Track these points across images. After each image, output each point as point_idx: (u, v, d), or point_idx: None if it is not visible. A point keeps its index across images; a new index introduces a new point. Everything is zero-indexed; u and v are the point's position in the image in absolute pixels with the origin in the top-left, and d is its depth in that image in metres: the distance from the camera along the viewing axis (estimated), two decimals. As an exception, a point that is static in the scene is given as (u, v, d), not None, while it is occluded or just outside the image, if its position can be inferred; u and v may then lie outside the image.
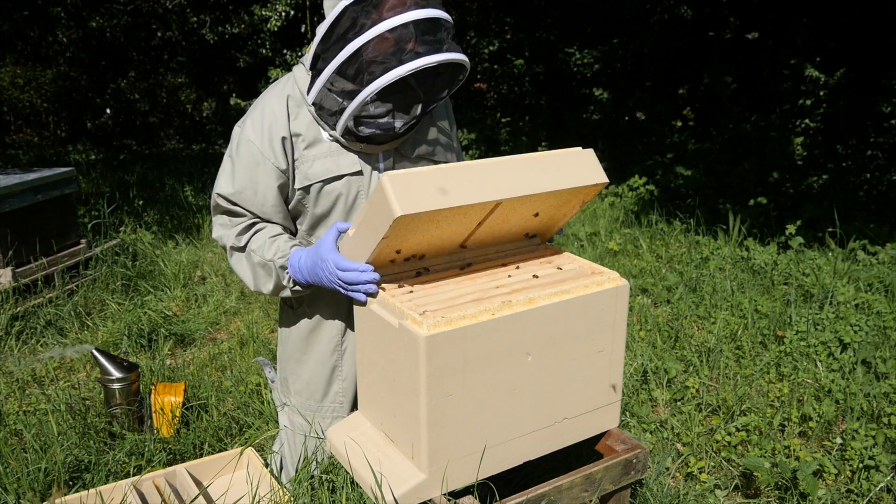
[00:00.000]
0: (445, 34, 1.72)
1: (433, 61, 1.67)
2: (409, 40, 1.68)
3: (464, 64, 1.75)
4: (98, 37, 11.82)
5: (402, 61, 1.67)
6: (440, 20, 1.71)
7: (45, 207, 4.45)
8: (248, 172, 1.91)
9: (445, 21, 1.72)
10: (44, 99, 12.44)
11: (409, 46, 1.68)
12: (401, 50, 1.68)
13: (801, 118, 7.54)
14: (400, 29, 1.67)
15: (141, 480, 2.16)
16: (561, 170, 1.79)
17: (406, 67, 1.66)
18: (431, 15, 1.68)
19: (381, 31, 1.67)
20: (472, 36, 11.91)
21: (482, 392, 1.63)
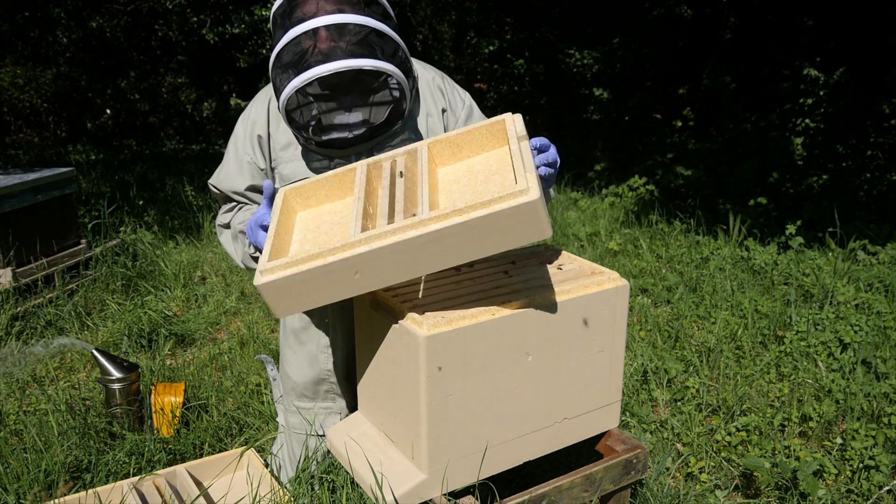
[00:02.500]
0: (355, 39, 1.67)
1: (322, 72, 1.64)
2: (309, 48, 1.67)
3: (374, 69, 1.68)
4: (98, 37, 11.82)
5: (299, 72, 1.66)
6: (346, 25, 1.67)
7: (45, 207, 4.45)
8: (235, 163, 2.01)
9: (354, 25, 1.67)
10: (44, 99, 12.45)
11: (309, 55, 1.67)
12: (299, 61, 1.67)
13: (801, 118, 7.54)
14: (302, 38, 1.67)
15: (141, 481, 2.16)
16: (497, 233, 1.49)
17: (295, 82, 1.66)
18: (329, 22, 1.65)
19: (286, 42, 1.68)
20: (472, 36, 11.91)
21: (482, 392, 1.63)
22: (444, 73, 2.06)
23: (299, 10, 1.69)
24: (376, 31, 1.70)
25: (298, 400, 2.17)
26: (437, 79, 2.00)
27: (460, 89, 2.05)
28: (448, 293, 1.71)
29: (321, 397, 2.16)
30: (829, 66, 7.35)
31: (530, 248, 2.02)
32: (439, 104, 1.97)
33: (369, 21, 1.69)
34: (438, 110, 1.97)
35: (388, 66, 1.69)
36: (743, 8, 8.53)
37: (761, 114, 8.01)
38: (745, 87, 8.26)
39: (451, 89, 2.01)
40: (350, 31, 1.67)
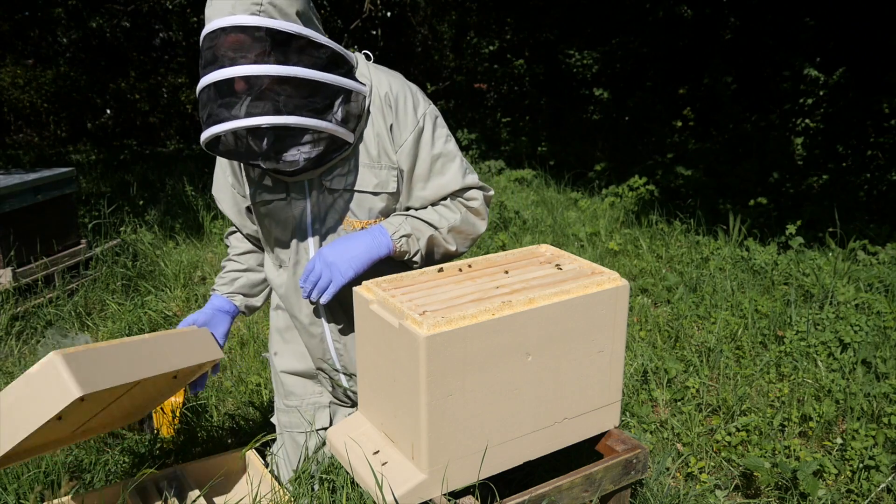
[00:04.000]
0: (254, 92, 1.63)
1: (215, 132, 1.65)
2: (214, 99, 1.65)
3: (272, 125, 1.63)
4: (98, 37, 11.83)
5: (210, 122, 1.66)
6: (247, 78, 1.62)
7: (45, 207, 4.45)
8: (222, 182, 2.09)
9: (256, 78, 1.62)
10: (44, 99, 12.45)
11: (212, 108, 1.66)
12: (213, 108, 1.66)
13: (801, 118, 7.54)
14: (204, 91, 1.66)
15: (141, 480, 2.16)
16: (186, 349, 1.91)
17: (205, 135, 1.68)
18: (228, 76, 1.61)
19: (199, 89, 1.68)
20: (472, 36, 11.92)
21: (482, 392, 1.63)
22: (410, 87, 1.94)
23: (214, 53, 1.65)
24: (295, 81, 1.64)
25: (287, 399, 2.21)
26: (392, 93, 1.88)
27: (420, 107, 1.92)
28: (448, 293, 1.71)
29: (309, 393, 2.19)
30: (829, 66, 7.35)
31: (530, 249, 2.02)
32: (388, 120, 1.88)
33: (278, 70, 1.62)
34: (387, 127, 1.88)
35: (291, 120, 1.64)
36: (743, 8, 8.53)
37: (761, 114, 8.02)
38: (746, 86, 8.27)
39: (403, 106, 1.89)
40: (258, 84, 1.63)
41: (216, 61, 1.63)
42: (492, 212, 6.17)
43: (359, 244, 1.86)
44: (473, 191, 2.01)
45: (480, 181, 2.04)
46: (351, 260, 1.85)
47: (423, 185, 1.95)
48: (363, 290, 1.77)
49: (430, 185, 1.95)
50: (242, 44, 1.62)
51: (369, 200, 1.92)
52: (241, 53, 1.62)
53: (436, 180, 1.95)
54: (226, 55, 1.62)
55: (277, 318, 2.20)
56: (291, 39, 1.65)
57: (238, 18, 1.62)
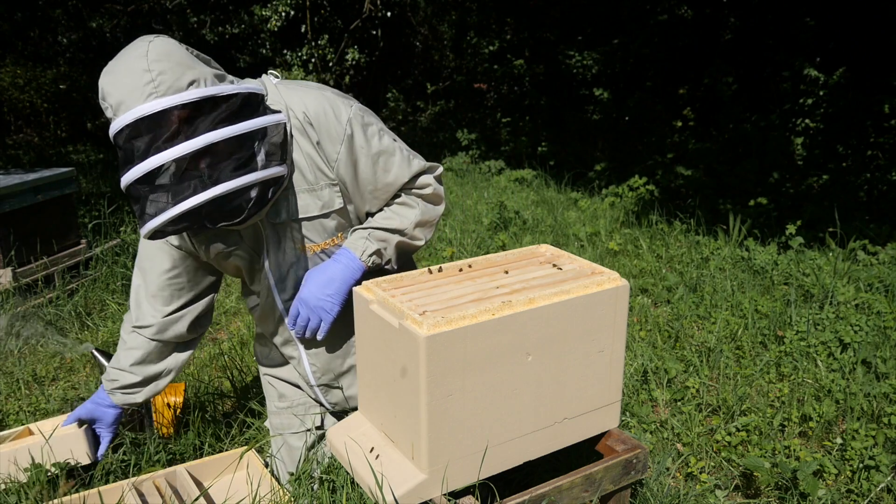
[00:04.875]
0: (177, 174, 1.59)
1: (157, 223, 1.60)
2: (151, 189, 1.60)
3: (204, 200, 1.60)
4: (98, 37, 11.82)
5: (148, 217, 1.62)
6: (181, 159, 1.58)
7: (45, 207, 4.45)
8: (163, 255, 2.02)
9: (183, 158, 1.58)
10: (44, 99, 12.44)
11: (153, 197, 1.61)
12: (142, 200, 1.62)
13: (801, 118, 7.54)
14: (131, 187, 1.61)
15: (141, 480, 2.16)
16: None
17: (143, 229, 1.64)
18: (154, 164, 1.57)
19: (124, 187, 1.63)
20: (472, 36, 11.92)
21: (482, 392, 1.63)
22: (326, 97, 1.88)
23: (129, 148, 1.60)
24: (214, 147, 1.61)
25: (279, 401, 2.22)
26: (310, 112, 1.84)
27: (343, 113, 1.86)
28: (448, 293, 1.71)
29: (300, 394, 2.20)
30: (829, 66, 7.35)
31: (530, 249, 2.03)
32: (313, 139, 1.85)
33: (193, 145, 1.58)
34: (314, 146, 1.85)
35: (220, 189, 1.61)
36: (743, 8, 8.53)
37: (761, 114, 8.01)
38: (746, 86, 8.26)
39: (325, 120, 1.85)
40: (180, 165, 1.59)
41: (133, 154, 1.59)
42: (492, 212, 6.18)
43: (333, 278, 1.89)
44: (424, 177, 1.99)
45: (427, 162, 2.01)
46: (332, 296, 1.89)
47: (374, 187, 1.93)
48: (363, 290, 1.77)
49: (380, 186, 1.94)
50: (151, 130, 1.58)
51: (320, 223, 1.91)
52: (152, 141, 1.57)
53: (383, 179, 1.93)
54: (139, 147, 1.58)
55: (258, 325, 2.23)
56: (196, 107, 1.61)
57: (139, 110, 1.57)
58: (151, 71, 1.59)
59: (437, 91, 12.54)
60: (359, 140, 1.88)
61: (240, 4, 10.11)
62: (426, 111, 12.57)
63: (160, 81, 1.59)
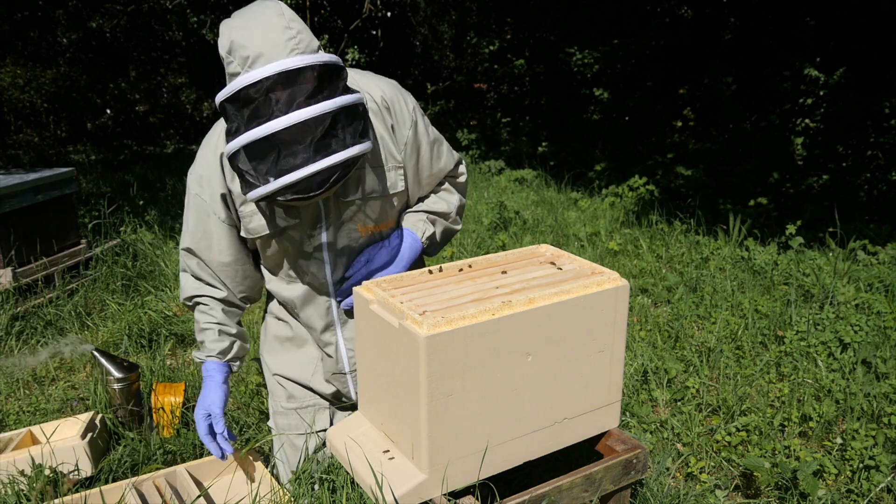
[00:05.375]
0: (318, 132, 1.59)
1: (297, 177, 1.58)
2: (277, 147, 1.59)
3: (341, 161, 1.61)
4: (98, 37, 11.83)
5: (278, 172, 1.59)
6: (319, 118, 1.58)
7: (45, 207, 4.45)
8: (200, 224, 1.97)
9: (319, 116, 1.58)
10: (44, 99, 12.44)
11: (277, 154, 1.59)
12: (271, 158, 1.60)
13: (801, 118, 7.54)
14: (267, 139, 1.59)
15: (141, 480, 2.16)
16: None
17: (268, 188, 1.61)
18: (306, 116, 1.56)
19: (241, 146, 1.60)
20: (472, 36, 11.92)
21: (482, 392, 1.63)
22: (394, 85, 1.96)
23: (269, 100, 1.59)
24: (343, 110, 1.63)
25: (286, 401, 2.20)
26: (387, 97, 1.90)
27: (409, 101, 1.95)
28: (448, 293, 1.71)
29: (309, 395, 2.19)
30: (829, 66, 7.35)
31: (530, 248, 2.03)
32: (388, 122, 1.90)
33: (334, 104, 1.60)
34: (388, 129, 1.90)
35: (353, 151, 1.63)
36: (743, 8, 8.53)
37: (761, 114, 8.02)
38: (746, 86, 8.26)
39: (398, 106, 1.92)
40: (322, 124, 1.60)
41: (270, 107, 1.58)
42: (492, 212, 6.18)
43: (402, 256, 1.98)
44: (459, 166, 2.13)
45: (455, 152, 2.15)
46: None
47: (429, 172, 2.02)
48: (363, 290, 1.77)
49: (434, 172, 2.04)
50: (293, 85, 1.58)
51: (381, 204, 1.94)
52: (294, 96, 1.58)
53: (436, 165, 2.03)
54: (277, 100, 1.58)
55: (278, 327, 2.19)
56: (327, 70, 1.64)
57: (283, 63, 1.58)
58: (291, 28, 1.62)
59: (437, 91, 12.54)
60: (421, 127, 1.96)
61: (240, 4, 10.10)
62: (426, 111, 12.57)
63: (300, 39, 1.62)
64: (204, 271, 2.05)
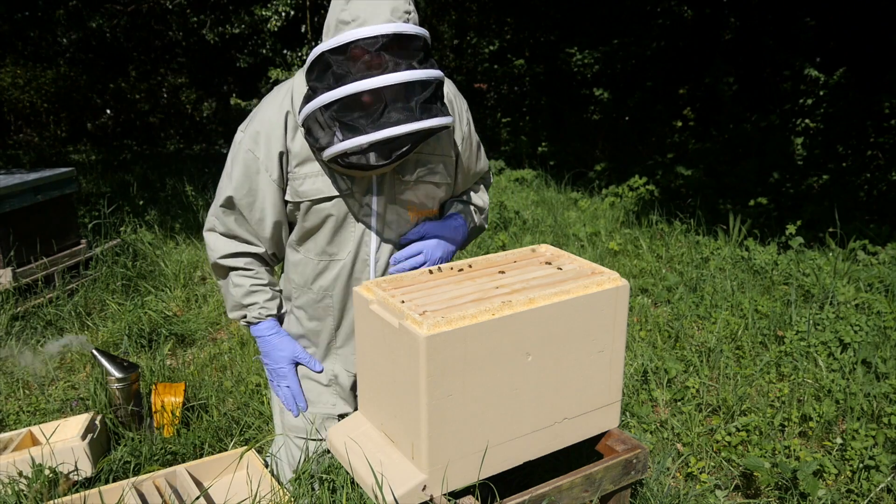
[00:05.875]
0: (423, 95, 1.67)
1: (401, 131, 1.64)
2: (383, 101, 1.65)
3: (439, 126, 1.71)
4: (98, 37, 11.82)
5: (375, 126, 1.64)
6: (420, 82, 1.66)
7: (45, 207, 4.45)
8: (246, 181, 1.96)
9: (426, 81, 1.68)
10: (44, 99, 12.45)
11: (382, 108, 1.65)
12: (373, 112, 1.65)
13: (801, 118, 7.54)
14: (375, 91, 1.64)
15: (141, 480, 2.17)
16: None
17: (368, 138, 1.65)
18: (409, 78, 1.64)
19: (353, 92, 1.64)
20: (472, 36, 11.92)
21: (482, 392, 1.63)
22: (450, 82, 2.04)
23: (362, 59, 1.66)
24: (438, 83, 1.73)
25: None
26: (448, 92, 1.97)
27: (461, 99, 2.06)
28: (448, 293, 1.71)
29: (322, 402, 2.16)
30: (829, 66, 7.35)
31: (530, 248, 2.03)
32: (454, 112, 1.98)
33: (433, 74, 1.70)
34: (456, 117, 1.98)
35: (448, 120, 1.72)
36: (743, 8, 8.53)
37: (761, 114, 8.02)
38: (746, 86, 8.26)
39: (456, 99, 2.02)
40: (419, 87, 1.68)
41: (383, 64, 1.64)
42: (492, 212, 6.18)
43: (456, 236, 2.05)
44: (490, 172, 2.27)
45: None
46: (453, 251, 2.06)
47: (473, 169, 2.12)
48: (363, 290, 1.77)
49: (476, 171, 2.14)
50: (407, 50, 1.67)
51: (432, 189, 1.99)
52: (411, 58, 1.67)
53: (478, 165, 2.14)
54: (394, 60, 1.65)
55: (290, 324, 2.15)
56: (427, 44, 1.74)
57: (403, 27, 1.66)
58: (410, 6, 1.75)
59: (438, 91, 12.52)
60: (472, 128, 2.08)
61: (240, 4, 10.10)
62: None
63: (414, 15, 1.75)
64: (241, 227, 2.03)
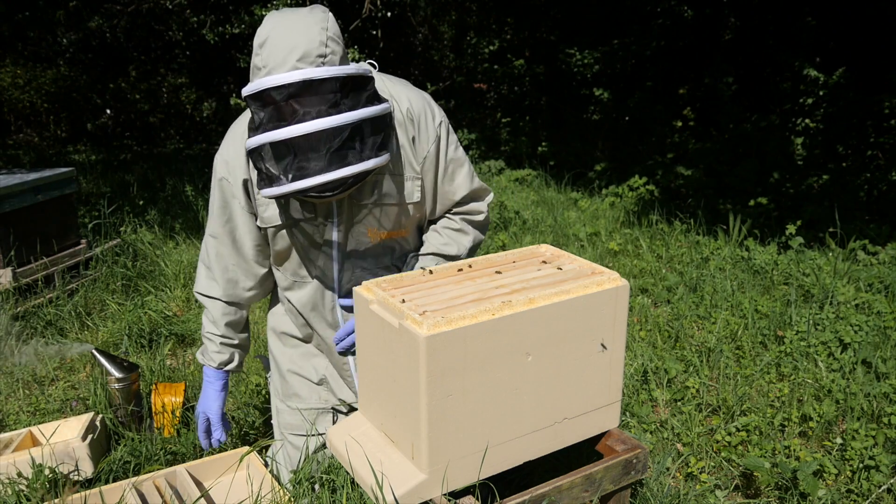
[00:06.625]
0: (335, 143, 1.62)
1: (308, 185, 1.62)
2: (292, 152, 1.63)
3: (350, 175, 1.65)
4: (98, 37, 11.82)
5: (290, 177, 1.63)
6: (332, 129, 1.61)
7: (45, 207, 4.45)
8: (224, 208, 2.00)
9: (339, 127, 1.62)
10: (44, 99, 12.45)
11: (292, 159, 1.63)
12: (286, 163, 1.63)
13: (801, 118, 7.54)
14: (283, 142, 1.62)
15: (141, 480, 2.16)
16: None
17: (280, 190, 1.64)
18: (310, 129, 1.59)
19: (256, 145, 1.64)
20: (472, 36, 11.92)
21: (482, 392, 1.63)
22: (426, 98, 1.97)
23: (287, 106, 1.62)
24: (366, 121, 1.66)
25: (289, 400, 2.21)
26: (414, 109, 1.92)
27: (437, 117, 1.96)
28: (448, 293, 1.71)
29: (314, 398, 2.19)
30: (829, 66, 7.35)
31: (530, 248, 2.03)
32: (410, 133, 1.92)
33: (353, 116, 1.63)
34: (409, 140, 1.92)
35: (364, 166, 1.66)
36: (743, 8, 8.53)
37: (761, 114, 8.02)
38: (746, 86, 8.27)
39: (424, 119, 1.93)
40: (334, 135, 1.62)
41: (292, 113, 1.61)
42: (492, 212, 6.18)
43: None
44: (478, 203, 2.08)
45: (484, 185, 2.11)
46: None
47: (441, 191, 2.01)
48: (363, 290, 1.77)
49: (443, 192, 2.02)
50: (317, 95, 1.62)
51: (396, 211, 1.96)
52: (318, 105, 1.62)
53: (447, 186, 2.02)
54: (297, 108, 1.61)
55: (281, 323, 2.20)
56: (355, 82, 1.67)
57: (310, 72, 1.61)
58: (328, 43, 1.66)
59: (437, 91, 12.53)
60: (443, 144, 1.97)
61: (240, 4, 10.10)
62: (426, 111, 12.55)
63: (332, 51, 1.67)
64: (219, 261, 2.08)
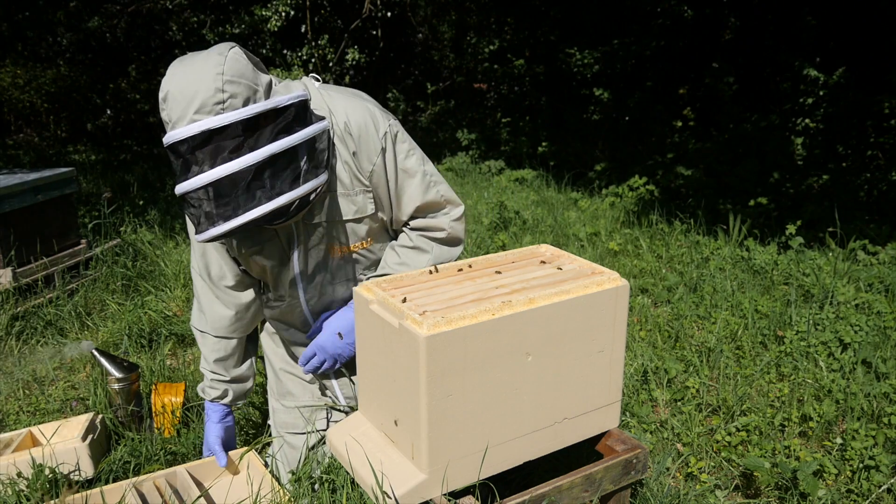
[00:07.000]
0: (243, 186, 1.62)
1: (222, 230, 1.64)
2: (207, 197, 1.64)
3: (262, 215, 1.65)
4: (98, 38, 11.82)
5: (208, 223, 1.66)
6: (241, 172, 1.61)
7: (45, 207, 4.45)
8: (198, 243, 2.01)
9: (243, 170, 1.61)
10: (44, 99, 12.44)
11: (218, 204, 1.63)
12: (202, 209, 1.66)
13: (801, 118, 7.54)
14: (192, 194, 1.64)
15: (141, 481, 2.16)
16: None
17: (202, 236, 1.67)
18: (209, 180, 1.60)
19: (178, 193, 1.66)
20: (472, 36, 11.92)
21: (482, 392, 1.63)
22: (368, 108, 1.92)
23: (191, 157, 1.63)
24: (276, 157, 1.64)
25: (284, 399, 2.22)
26: (351, 123, 1.89)
27: (381, 127, 1.91)
28: (448, 293, 1.71)
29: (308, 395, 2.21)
30: (829, 66, 7.35)
31: (530, 248, 2.03)
32: (350, 148, 1.89)
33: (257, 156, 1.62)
34: (350, 154, 1.90)
35: (280, 202, 1.66)
36: (743, 8, 8.53)
37: (761, 114, 8.01)
38: (746, 86, 8.26)
39: (365, 133, 1.90)
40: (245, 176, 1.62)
41: (197, 163, 1.61)
42: (492, 212, 6.18)
43: (354, 327, 1.92)
44: (438, 220, 2.02)
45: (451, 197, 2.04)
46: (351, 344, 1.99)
47: (396, 201, 1.99)
48: (363, 290, 1.77)
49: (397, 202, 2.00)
50: (218, 143, 1.61)
51: (352, 226, 1.96)
52: (217, 152, 1.60)
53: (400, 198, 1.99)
54: (201, 157, 1.61)
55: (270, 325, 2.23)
56: (260, 120, 1.64)
57: (207, 122, 1.60)
58: (224, 88, 1.63)
59: (437, 91, 12.54)
60: (389, 155, 1.93)
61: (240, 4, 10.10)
62: (426, 111, 12.58)
63: (231, 94, 1.63)
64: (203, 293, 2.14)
